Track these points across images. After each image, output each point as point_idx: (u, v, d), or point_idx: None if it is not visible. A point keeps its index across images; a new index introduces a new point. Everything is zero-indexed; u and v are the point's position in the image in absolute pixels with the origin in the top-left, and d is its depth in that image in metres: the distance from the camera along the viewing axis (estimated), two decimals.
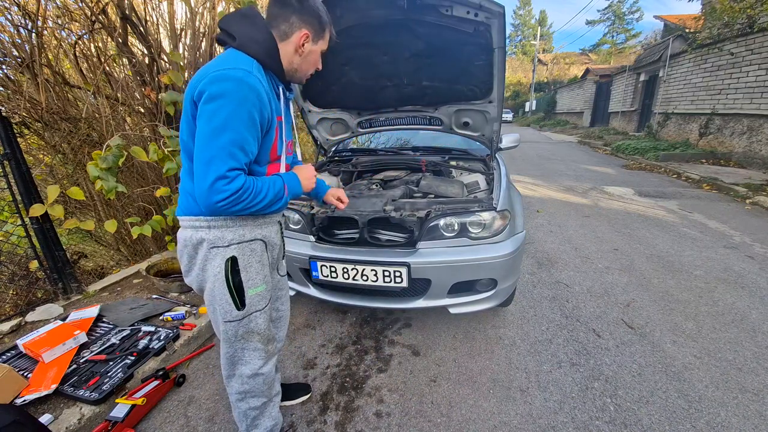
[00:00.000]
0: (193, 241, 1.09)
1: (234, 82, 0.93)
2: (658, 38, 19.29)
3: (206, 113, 0.94)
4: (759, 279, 2.74)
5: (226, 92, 0.93)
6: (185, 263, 1.14)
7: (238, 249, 1.11)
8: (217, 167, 0.92)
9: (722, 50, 7.93)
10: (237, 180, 0.95)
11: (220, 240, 1.08)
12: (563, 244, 3.48)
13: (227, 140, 0.93)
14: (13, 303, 2.40)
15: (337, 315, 2.40)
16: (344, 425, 1.56)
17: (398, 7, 1.82)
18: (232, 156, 0.94)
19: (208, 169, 0.92)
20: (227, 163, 0.93)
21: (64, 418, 1.48)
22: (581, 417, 1.56)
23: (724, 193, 5.47)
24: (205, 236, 1.08)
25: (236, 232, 1.11)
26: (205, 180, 0.93)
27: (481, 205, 1.86)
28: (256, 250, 1.16)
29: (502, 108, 2.38)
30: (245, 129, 0.96)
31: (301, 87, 2.53)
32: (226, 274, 1.09)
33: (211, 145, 0.93)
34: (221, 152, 0.93)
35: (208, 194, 0.93)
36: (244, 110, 0.94)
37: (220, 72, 0.94)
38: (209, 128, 0.93)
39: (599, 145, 11.56)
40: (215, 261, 1.09)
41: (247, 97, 0.95)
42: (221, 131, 0.93)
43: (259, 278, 1.16)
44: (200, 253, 1.10)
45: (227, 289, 1.11)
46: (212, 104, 0.93)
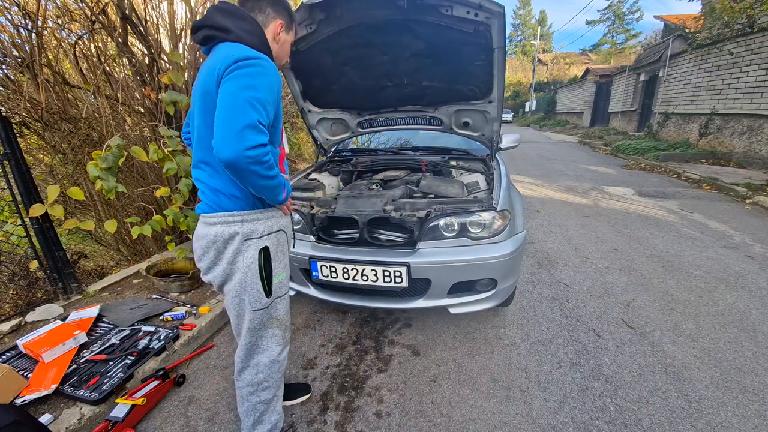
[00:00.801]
0: (224, 236, 1.12)
1: (261, 60, 1.00)
2: (658, 38, 19.29)
3: (234, 77, 0.96)
4: (759, 279, 2.74)
5: (256, 64, 0.99)
6: (210, 259, 1.16)
7: (269, 239, 1.18)
8: (247, 114, 0.93)
9: (722, 50, 7.93)
10: (264, 135, 0.97)
11: (254, 232, 1.14)
12: (563, 244, 3.48)
13: (256, 96, 0.96)
14: (13, 303, 2.40)
15: (337, 315, 2.40)
16: (344, 425, 1.56)
17: (398, 7, 1.82)
18: (259, 112, 0.96)
19: (235, 116, 0.93)
20: (257, 113, 0.96)
21: (64, 418, 1.48)
22: (581, 417, 1.56)
23: (724, 193, 5.47)
24: (239, 230, 1.12)
25: (266, 224, 1.18)
26: (232, 125, 0.92)
27: (481, 205, 1.86)
28: (281, 240, 1.24)
29: (502, 108, 2.38)
30: (270, 96, 1.01)
31: (302, 87, 2.53)
32: (260, 263, 1.15)
33: (239, 96, 0.94)
34: (250, 103, 0.94)
35: (237, 139, 0.92)
36: (271, 81, 1.01)
37: (244, 53, 0.99)
38: (237, 84, 0.95)
39: (599, 145, 11.56)
40: (249, 252, 1.14)
41: (274, 74, 1.03)
42: (250, 88, 0.96)
43: (281, 266, 1.24)
44: (231, 247, 1.13)
45: (259, 278, 1.16)
46: (242, 70, 0.97)
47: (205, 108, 1.07)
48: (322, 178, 2.66)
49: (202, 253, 1.17)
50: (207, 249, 1.15)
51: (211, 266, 1.17)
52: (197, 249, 1.19)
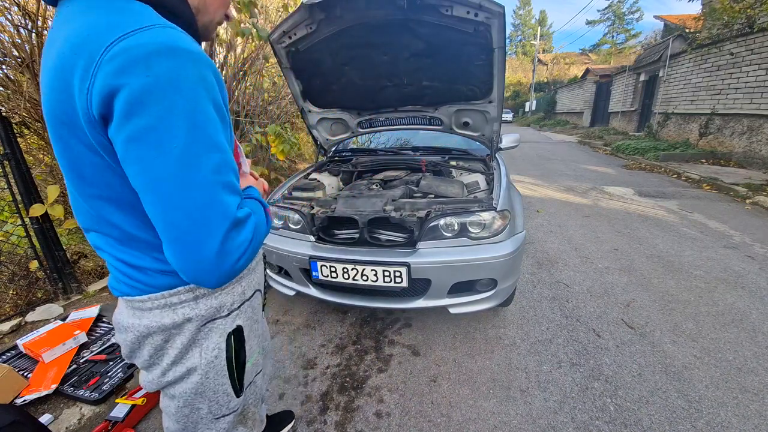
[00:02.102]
0: (163, 326, 0.72)
1: (171, 56, 0.54)
2: (658, 38, 19.29)
3: (149, 135, 0.53)
4: (759, 279, 2.74)
5: (168, 81, 0.53)
6: (144, 358, 0.76)
7: (242, 313, 0.82)
8: (221, 215, 0.58)
9: (722, 50, 7.93)
10: (250, 218, 0.65)
11: (219, 309, 0.77)
12: (563, 244, 3.48)
13: (214, 164, 0.58)
14: (13, 303, 2.40)
15: (337, 315, 2.40)
16: (344, 425, 1.56)
17: (398, 7, 1.82)
18: (229, 187, 0.61)
19: (205, 226, 0.57)
20: (230, 199, 0.60)
21: (64, 418, 1.48)
22: (581, 417, 1.56)
23: (724, 193, 5.47)
24: (191, 313, 0.73)
25: (235, 291, 0.80)
26: (204, 245, 0.58)
27: (481, 205, 1.86)
28: (255, 306, 0.89)
29: (502, 108, 2.38)
30: (221, 132, 0.61)
31: (302, 87, 2.53)
32: (229, 354, 0.79)
33: (191, 185, 0.56)
34: (215, 188, 0.58)
35: (218, 263, 0.59)
36: (206, 101, 0.58)
37: (132, 40, 0.52)
38: (173, 159, 0.54)
39: (599, 145, 11.56)
40: (210, 341, 0.76)
41: (202, 76, 0.58)
42: (199, 155, 0.56)
43: (256, 342, 0.89)
44: (178, 340, 0.74)
45: (227, 376, 0.79)
46: (152, 114, 0.52)
47: (67, 154, 0.61)
48: (322, 178, 2.66)
49: (129, 350, 0.76)
50: (137, 345, 0.75)
51: (149, 365, 0.77)
52: (122, 343, 0.77)
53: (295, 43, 2.12)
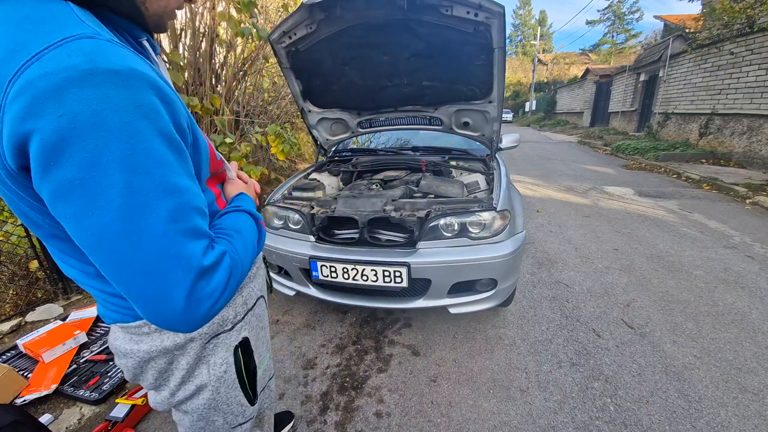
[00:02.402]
0: (165, 349, 0.68)
1: (90, 83, 0.42)
2: (658, 38, 19.29)
3: (76, 188, 0.44)
4: (759, 279, 2.74)
5: (90, 118, 0.42)
6: (150, 381, 0.72)
7: (247, 323, 0.80)
8: (182, 268, 0.50)
9: (722, 50, 7.93)
10: (222, 261, 0.56)
11: (223, 324, 0.74)
12: (563, 244, 3.48)
13: (168, 212, 0.49)
14: (13, 303, 2.40)
15: (337, 315, 2.40)
16: (344, 425, 1.56)
17: (398, 7, 1.82)
18: (192, 233, 0.52)
19: (164, 283, 0.49)
20: (194, 248, 0.52)
21: (64, 418, 1.48)
22: (581, 417, 1.56)
23: (724, 193, 5.47)
24: (192, 333, 0.69)
25: (236, 302, 0.77)
26: (167, 301, 0.50)
27: (481, 205, 1.86)
28: (260, 314, 0.86)
29: (502, 108, 2.38)
30: (176, 169, 0.50)
31: (302, 87, 2.53)
32: (238, 366, 0.77)
33: (141, 242, 0.47)
34: (172, 240, 0.49)
35: (187, 315, 0.52)
36: (150, 135, 0.47)
37: (37, 68, 0.41)
38: (112, 215, 0.45)
39: (599, 145, 11.56)
40: (216, 357, 0.73)
41: (139, 102, 0.45)
42: (146, 204, 0.47)
43: (265, 348, 0.88)
44: (183, 360, 0.70)
45: (239, 387, 0.78)
46: (75, 163, 0.42)
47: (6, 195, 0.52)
48: (322, 178, 2.66)
49: (132, 375, 0.72)
50: (140, 369, 0.70)
51: (158, 386, 0.73)
52: (122, 368, 0.73)
53: (295, 43, 2.12)
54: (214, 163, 0.74)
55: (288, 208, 2.08)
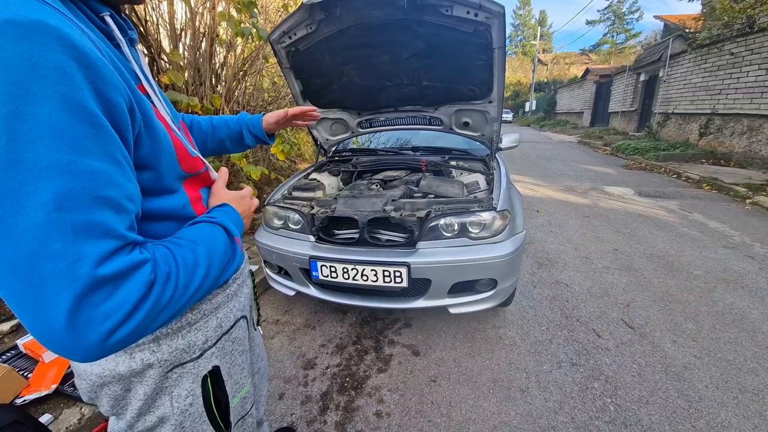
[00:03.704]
0: (119, 375, 0.59)
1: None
2: (658, 38, 19.29)
3: None
4: (759, 279, 2.74)
5: None
6: (105, 408, 0.65)
7: (218, 352, 0.69)
8: (63, 273, 0.39)
9: (722, 50, 7.94)
10: (137, 272, 0.44)
11: (188, 350, 0.64)
12: (563, 244, 3.48)
13: (54, 196, 0.39)
14: None
15: (337, 315, 2.40)
16: (344, 425, 1.56)
17: (398, 7, 1.81)
18: (88, 229, 0.41)
19: (39, 291, 0.39)
20: (86, 249, 0.40)
21: (64, 418, 1.48)
22: (581, 417, 1.56)
23: (724, 193, 5.47)
24: (150, 359, 0.60)
25: (209, 325, 0.67)
26: (44, 315, 0.39)
27: (481, 205, 1.86)
28: (239, 337, 0.76)
29: (502, 108, 2.38)
30: (86, 148, 0.41)
31: (302, 87, 2.53)
32: (207, 400, 0.67)
33: (11, 230, 0.38)
34: (54, 233, 0.39)
35: (74, 337, 0.40)
36: (49, 99, 0.39)
37: None
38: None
39: (599, 145, 11.56)
40: (181, 388, 0.64)
41: (38, 60, 0.38)
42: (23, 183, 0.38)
43: (244, 375, 0.77)
44: (141, 389, 0.61)
45: (208, 421, 0.68)
46: None
47: None
48: (322, 178, 2.66)
49: (88, 398, 0.65)
50: (94, 393, 0.63)
51: (118, 414, 0.65)
52: (79, 388, 0.65)
53: (295, 43, 2.12)
54: (189, 161, 0.64)
55: (288, 208, 2.08)
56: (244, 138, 1.08)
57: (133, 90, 0.51)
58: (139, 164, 0.52)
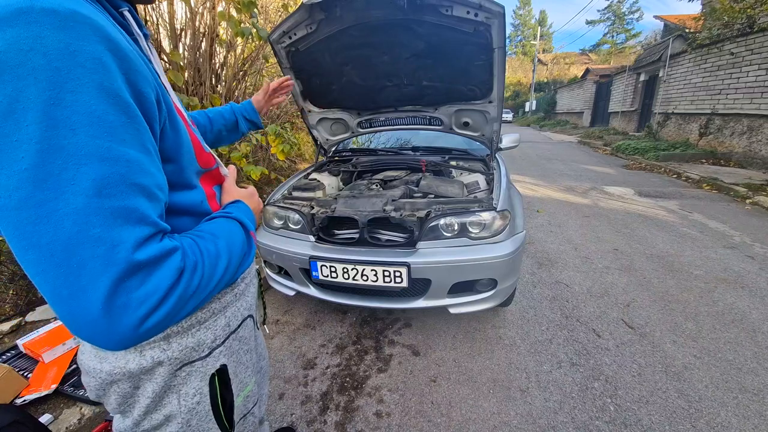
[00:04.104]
0: (129, 373, 0.59)
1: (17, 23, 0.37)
2: (658, 38, 19.29)
3: None
4: (759, 279, 2.74)
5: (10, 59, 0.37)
6: (113, 406, 0.64)
7: (226, 350, 0.70)
8: (102, 257, 0.40)
9: (722, 50, 7.94)
10: (169, 259, 0.45)
11: (197, 348, 0.64)
12: (563, 244, 3.48)
13: (94, 182, 0.40)
14: (13, 303, 2.40)
15: (337, 315, 2.40)
16: (344, 425, 1.56)
17: (398, 7, 1.82)
18: (125, 215, 0.42)
19: (78, 275, 0.39)
20: (124, 234, 0.41)
21: (64, 418, 1.48)
22: (581, 417, 1.56)
23: (724, 193, 5.47)
24: (160, 356, 0.60)
25: (217, 324, 0.68)
26: (81, 299, 0.40)
27: (481, 205, 1.86)
28: (245, 336, 0.77)
29: (502, 108, 2.38)
30: (118, 134, 0.42)
31: (302, 87, 2.53)
32: (214, 398, 0.67)
33: (50, 215, 0.38)
34: (94, 218, 0.39)
35: (109, 323, 0.41)
36: (87, 88, 0.39)
37: None
38: (20, 176, 0.37)
39: (599, 145, 11.56)
40: (189, 386, 0.64)
41: (76, 50, 0.39)
42: (63, 169, 0.38)
43: (248, 374, 0.78)
44: (150, 386, 0.61)
45: (214, 420, 0.68)
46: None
47: None
48: (322, 178, 2.66)
49: (95, 396, 0.64)
50: (102, 391, 0.63)
51: (124, 411, 0.64)
52: (86, 387, 0.65)
53: (295, 43, 2.12)
54: (204, 156, 0.66)
55: (288, 208, 2.08)
56: (240, 126, 1.15)
57: (158, 82, 0.52)
58: (163, 156, 0.53)
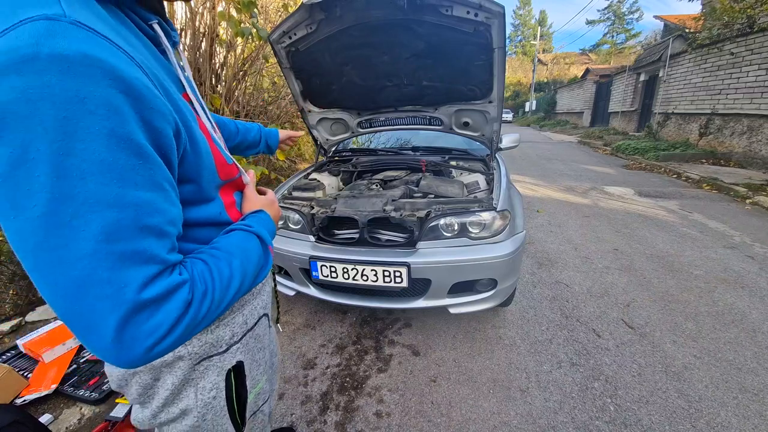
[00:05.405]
0: (151, 365, 0.63)
1: (25, 72, 0.37)
2: (658, 38, 19.29)
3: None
4: (759, 279, 2.74)
5: (19, 110, 0.37)
6: (133, 396, 0.67)
7: (242, 347, 0.73)
8: (110, 298, 0.42)
9: (722, 50, 7.94)
10: (175, 294, 0.47)
11: (216, 344, 0.67)
12: (563, 244, 3.48)
13: (103, 229, 0.41)
14: (13, 303, 2.40)
15: (337, 315, 2.40)
16: (344, 425, 1.56)
17: (398, 7, 1.82)
18: (133, 257, 0.43)
19: (90, 313, 0.42)
20: (131, 275, 0.43)
21: (64, 418, 1.48)
22: (581, 417, 1.56)
23: (724, 193, 5.47)
24: (181, 351, 0.64)
25: (235, 321, 0.71)
26: (94, 333, 0.43)
27: (481, 205, 1.86)
28: (260, 334, 0.80)
29: (502, 108, 2.38)
30: (133, 180, 0.43)
31: (301, 87, 2.53)
32: (229, 393, 0.70)
33: (62, 260, 0.40)
34: (102, 263, 0.41)
35: (120, 351, 0.44)
36: (95, 136, 0.40)
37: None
38: (34, 223, 0.39)
39: (599, 145, 11.56)
40: (206, 381, 0.67)
41: (85, 96, 0.39)
42: (74, 216, 0.40)
43: (260, 371, 0.80)
44: (170, 379, 0.64)
45: (227, 416, 0.71)
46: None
47: None
48: (322, 178, 2.66)
49: (117, 385, 0.68)
50: (124, 381, 0.66)
51: (143, 402, 0.68)
52: (108, 376, 0.69)
53: (295, 43, 2.12)
54: (226, 169, 0.67)
55: (288, 208, 2.08)
56: (260, 146, 1.24)
57: (178, 108, 0.52)
58: (182, 179, 0.55)
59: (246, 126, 1.18)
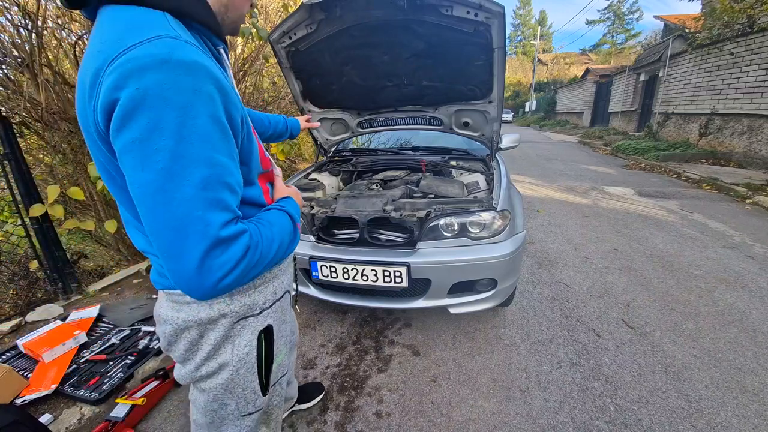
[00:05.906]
0: (200, 320, 0.76)
1: (163, 69, 0.54)
2: (658, 38, 19.29)
3: (136, 146, 0.55)
4: (759, 279, 2.74)
5: (157, 94, 0.53)
6: (180, 352, 0.80)
7: (273, 312, 0.86)
8: (200, 232, 0.57)
9: (722, 50, 7.93)
10: (240, 238, 0.62)
11: (252, 307, 0.81)
12: (563, 244, 3.48)
13: (201, 180, 0.57)
14: (13, 303, 2.40)
15: (337, 315, 2.40)
16: (344, 425, 1.56)
17: (398, 7, 1.81)
18: (217, 204, 0.59)
19: (184, 241, 0.57)
20: (215, 217, 0.59)
21: (64, 418, 1.48)
22: (581, 417, 1.56)
23: (724, 193, 5.47)
24: (226, 310, 0.77)
25: (267, 290, 0.85)
26: (184, 259, 0.58)
27: (481, 205, 1.86)
28: (285, 307, 0.94)
29: (502, 108, 2.38)
30: (219, 147, 0.60)
31: (302, 87, 2.53)
32: (259, 352, 0.83)
33: (172, 200, 0.56)
34: (197, 204, 0.57)
35: (200, 278, 0.59)
36: (201, 115, 0.57)
37: (129, 55, 0.54)
38: (158, 172, 0.55)
39: (599, 145, 11.56)
40: (242, 338, 0.80)
41: (197, 87, 0.57)
42: (185, 169, 0.56)
43: (282, 342, 0.93)
44: (212, 335, 0.78)
45: (256, 373, 0.83)
46: (140, 126, 0.54)
47: (99, 164, 0.68)
48: (322, 178, 2.66)
49: (167, 343, 0.81)
50: (174, 338, 0.79)
51: (185, 359, 0.81)
52: (160, 335, 0.81)
53: (295, 43, 2.12)
54: (264, 160, 0.85)
55: None
56: (285, 135, 1.51)
57: (240, 106, 0.68)
58: (239, 160, 0.69)
59: (275, 118, 1.43)
